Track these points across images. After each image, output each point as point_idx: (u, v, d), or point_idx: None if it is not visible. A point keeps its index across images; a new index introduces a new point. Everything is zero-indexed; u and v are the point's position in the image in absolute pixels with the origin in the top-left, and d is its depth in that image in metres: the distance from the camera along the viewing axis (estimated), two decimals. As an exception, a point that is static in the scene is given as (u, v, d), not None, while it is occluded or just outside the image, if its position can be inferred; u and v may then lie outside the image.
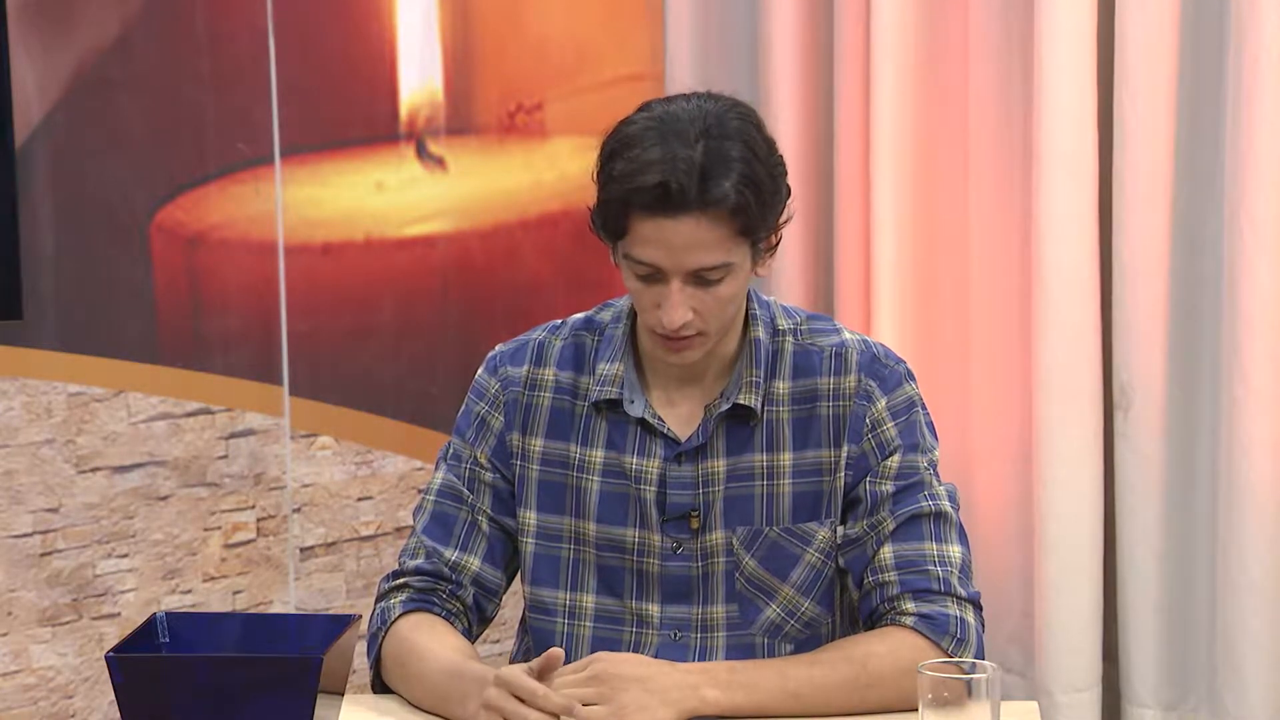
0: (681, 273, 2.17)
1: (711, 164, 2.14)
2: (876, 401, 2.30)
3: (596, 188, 2.22)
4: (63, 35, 3.25)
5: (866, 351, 2.32)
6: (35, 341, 3.25)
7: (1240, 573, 3.25)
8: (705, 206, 2.13)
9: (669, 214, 2.14)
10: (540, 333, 2.38)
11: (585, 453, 2.32)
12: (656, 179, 2.13)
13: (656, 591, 2.31)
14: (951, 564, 2.27)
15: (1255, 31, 3.17)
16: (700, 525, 2.29)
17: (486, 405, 2.37)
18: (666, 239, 2.15)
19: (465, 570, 2.33)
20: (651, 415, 2.30)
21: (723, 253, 2.16)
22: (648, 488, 2.29)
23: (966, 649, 2.23)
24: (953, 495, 2.32)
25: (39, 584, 3.27)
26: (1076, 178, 3.36)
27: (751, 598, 2.30)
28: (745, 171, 2.15)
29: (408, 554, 2.36)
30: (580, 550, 2.33)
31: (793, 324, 2.33)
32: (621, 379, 2.31)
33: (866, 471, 2.29)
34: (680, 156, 2.13)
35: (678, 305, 2.17)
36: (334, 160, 3.56)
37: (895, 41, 3.52)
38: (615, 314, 2.36)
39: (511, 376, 2.36)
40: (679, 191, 2.12)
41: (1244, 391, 3.22)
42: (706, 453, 2.29)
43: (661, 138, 2.15)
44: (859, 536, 2.29)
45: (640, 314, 2.25)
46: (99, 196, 3.30)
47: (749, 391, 2.28)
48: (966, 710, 1.89)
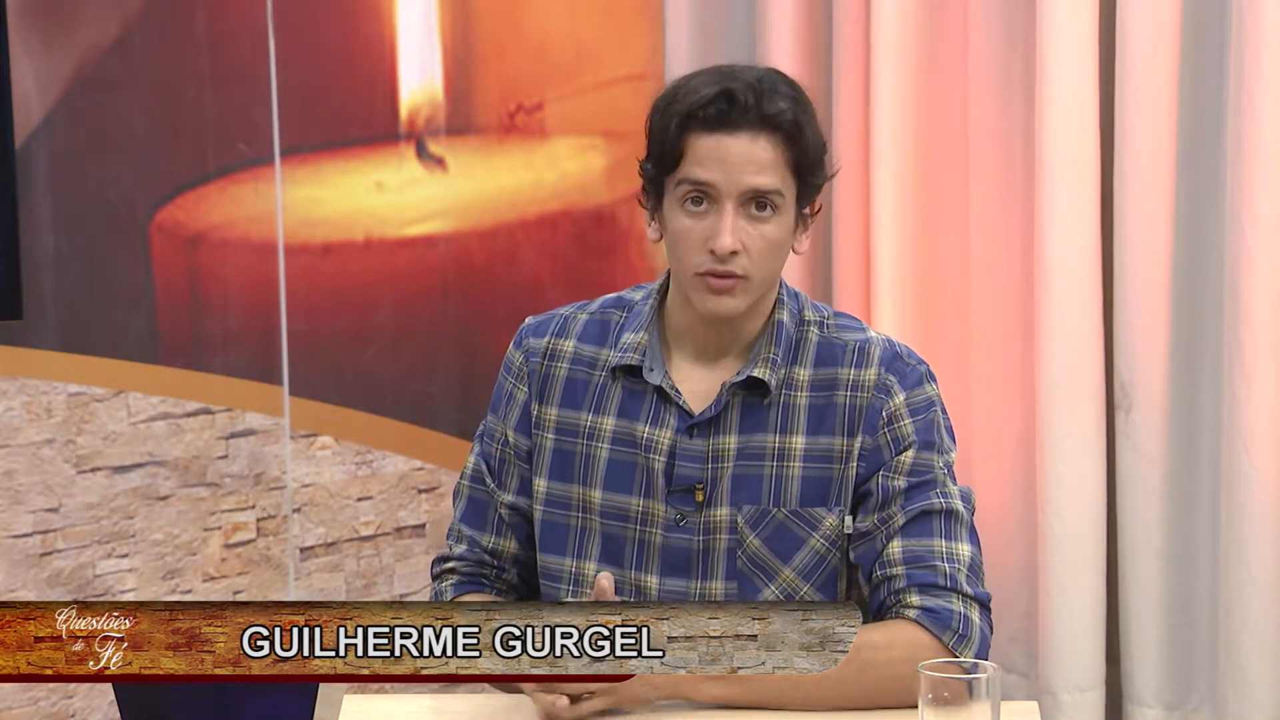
0: (736, 193, 2.23)
1: (768, 90, 2.25)
2: (895, 396, 2.31)
3: (649, 134, 2.30)
4: (63, 35, 3.25)
5: (890, 349, 2.35)
6: (35, 341, 3.25)
7: (1242, 572, 3.25)
8: (763, 122, 2.23)
9: (728, 129, 2.23)
10: (570, 308, 2.44)
11: (596, 420, 2.35)
12: (717, 90, 2.24)
13: (657, 563, 2.33)
14: (960, 561, 2.27)
15: (1255, 31, 3.17)
16: (705, 499, 2.31)
17: (513, 379, 2.42)
18: (724, 155, 2.23)
19: (504, 554, 2.42)
20: (669, 384, 2.32)
21: (777, 177, 2.24)
22: (657, 457, 2.31)
23: (969, 646, 2.23)
24: (967, 497, 2.33)
25: (39, 584, 3.26)
26: (1077, 177, 3.36)
27: (750, 577, 2.31)
28: (798, 101, 2.27)
29: (452, 537, 2.46)
30: (586, 518, 2.36)
31: (820, 317, 2.37)
32: (644, 347, 2.34)
33: (880, 465, 2.30)
34: (740, 80, 2.25)
35: (730, 229, 2.23)
36: (334, 160, 3.56)
37: (895, 41, 3.52)
38: (647, 293, 2.40)
39: (533, 348, 2.41)
40: (740, 104, 2.23)
41: (1245, 391, 3.22)
42: (719, 427, 2.31)
43: (718, 75, 2.28)
44: (869, 530, 2.30)
45: (685, 259, 2.28)
46: (99, 196, 3.30)
47: (765, 367, 2.30)
48: (966, 710, 1.88)
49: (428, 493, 3.68)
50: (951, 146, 3.56)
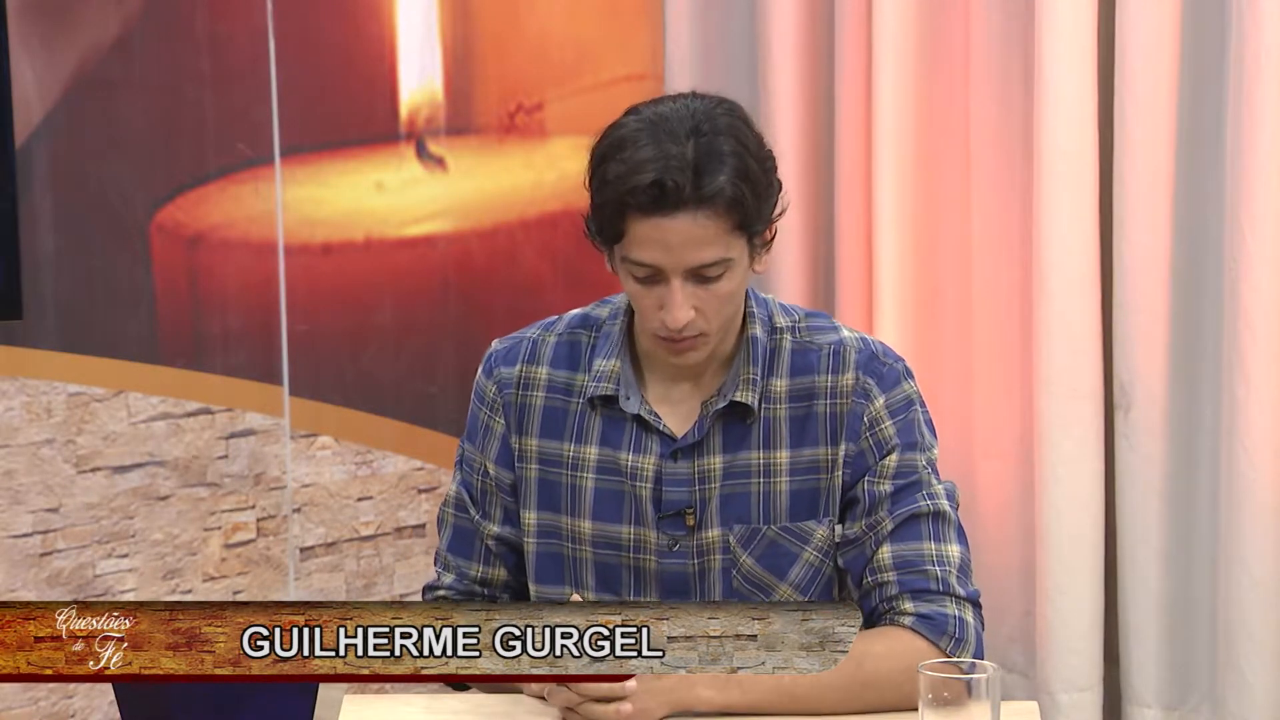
0: (681, 271, 2.16)
1: (704, 159, 2.14)
2: (874, 400, 2.29)
3: (590, 193, 2.22)
4: (63, 35, 3.25)
5: (865, 349, 2.31)
6: (35, 341, 3.25)
7: (1242, 572, 3.25)
8: (701, 202, 2.13)
9: (665, 213, 2.14)
10: (535, 330, 2.39)
11: (579, 450, 2.32)
12: (651, 177, 2.13)
13: (654, 589, 2.31)
14: (950, 563, 2.27)
15: (1255, 31, 3.17)
16: (696, 523, 2.29)
17: (487, 409, 2.37)
18: (664, 238, 2.15)
19: (494, 583, 2.40)
20: (647, 412, 2.30)
21: (721, 248, 2.16)
22: (643, 484, 2.29)
23: (965, 648, 2.24)
24: (951, 493, 2.32)
25: (39, 584, 3.26)
26: (1077, 177, 3.36)
27: (748, 595, 2.30)
28: (738, 165, 2.15)
29: (439, 564, 2.42)
30: (577, 549, 2.33)
31: (791, 321, 2.33)
32: (618, 375, 2.31)
33: (864, 470, 2.29)
34: (673, 154, 2.14)
35: (680, 305, 2.17)
36: (334, 160, 3.56)
37: (896, 42, 3.52)
38: (613, 310, 2.36)
39: (505, 378, 2.36)
40: (674, 189, 2.12)
41: (1245, 391, 3.22)
42: (703, 450, 2.29)
43: (653, 138, 2.16)
44: (857, 537, 2.29)
45: (641, 318, 2.25)
46: (99, 196, 3.30)
47: (746, 389, 2.28)
48: (966, 710, 1.88)
49: (428, 493, 3.68)
50: (952, 147, 3.56)
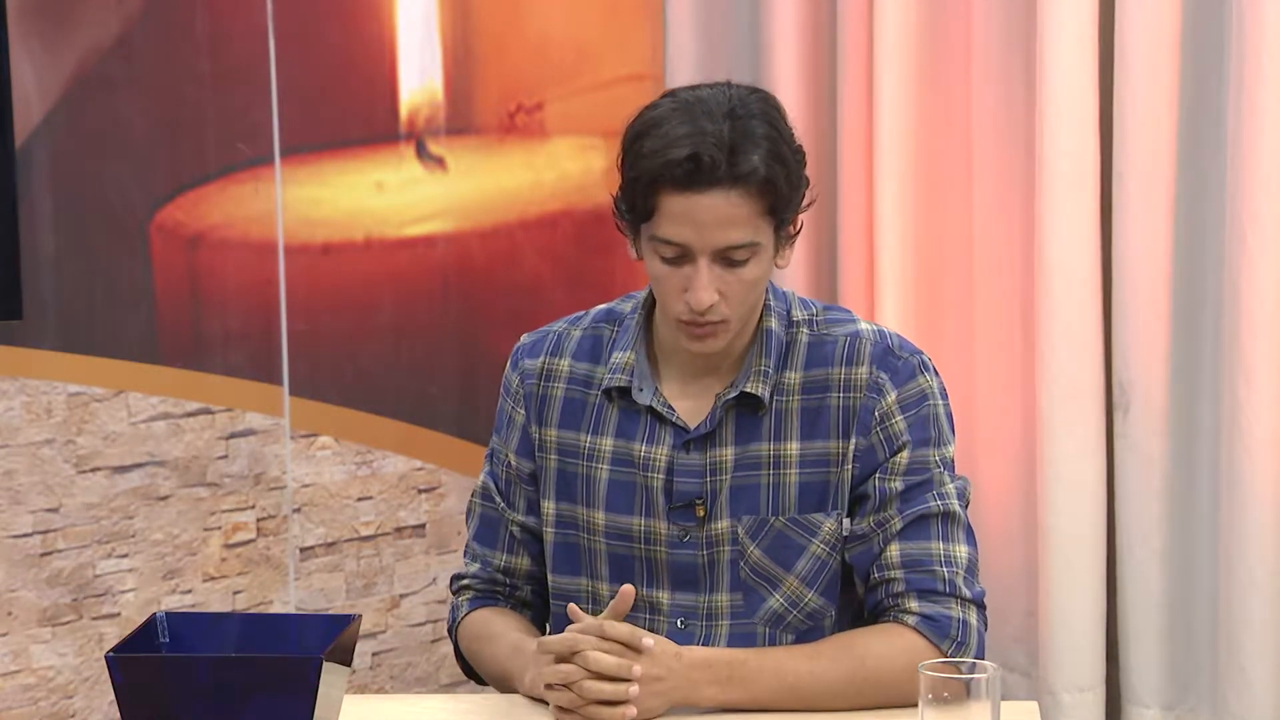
0: (710, 250, 2.18)
1: (740, 140, 2.16)
2: (886, 395, 2.29)
3: (621, 172, 2.23)
4: (63, 35, 3.25)
5: (880, 343, 2.31)
6: (35, 341, 3.25)
7: (1242, 572, 3.25)
8: (735, 181, 2.15)
9: (699, 189, 2.15)
10: (562, 324, 2.42)
11: (595, 441, 2.34)
12: (687, 151, 2.15)
13: (666, 579, 2.32)
14: (958, 564, 2.27)
15: (1255, 31, 3.17)
16: (706, 514, 2.30)
17: (511, 401, 2.41)
18: (696, 215, 2.16)
19: (517, 572, 2.43)
20: (660, 403, 2.31)
21: (750, 230, 2.18)
22: (655, 475, 2.30)
23: (966, 651, 2.24)
24: (963, 491, 2.31)
25: (39, 584, 3.26)
26: (1078, 177, 3.36)
27: (755, 587, 2.30)
28: (772, 149, 2.18)
29: (467, 555, 2.47)
30: (592, 539, 2.35)
31: (808, 314, 2.34)
32: (632, 367, 2.32)
33: (874, 466, 2.29)
34: (709, 132, 2.16)
35: (705, 286, 2.18)
36: (334, 160, 3.56)
37: (898, 42, 3.52)
38: (635, 305, 2.38)
39: (528, 369, 2.39)
40: (710, 164, 2.14)
41: (1245, 391, 3.22)
42: (715, 441, 2.30)
43: (689, 117, 2.18)
44: (866, 533, 2.29)
45: (664, 302, 2.26)
46: (99, 196, 3.30)
47: (757, 380, 2.28)
48: (966, 710, 1.89)
49: (428, 493, 3.68)
50: (953, 148, 3.56)
